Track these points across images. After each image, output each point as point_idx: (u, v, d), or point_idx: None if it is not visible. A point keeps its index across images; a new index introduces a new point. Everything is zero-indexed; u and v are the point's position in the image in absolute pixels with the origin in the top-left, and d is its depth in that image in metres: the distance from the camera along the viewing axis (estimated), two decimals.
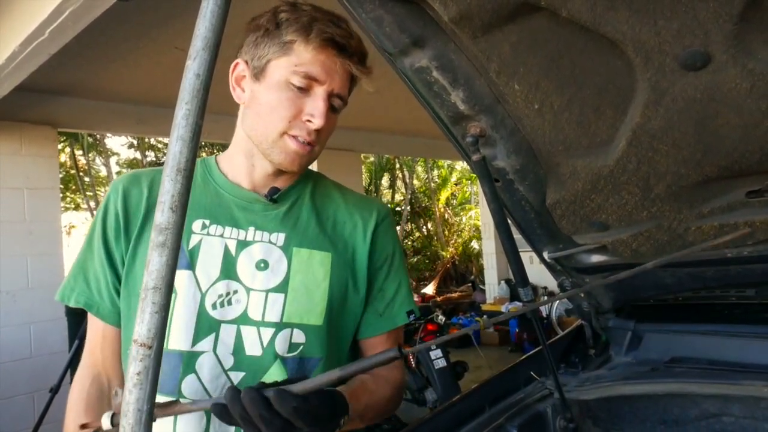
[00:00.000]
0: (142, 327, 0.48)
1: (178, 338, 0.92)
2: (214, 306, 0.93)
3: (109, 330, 1.00)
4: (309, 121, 0.91)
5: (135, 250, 0.96)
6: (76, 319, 4.73)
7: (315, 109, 0.91)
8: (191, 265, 0.94)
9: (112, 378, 1.00)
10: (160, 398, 0.92)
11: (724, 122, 0.86)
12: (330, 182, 1.13)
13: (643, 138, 0.92)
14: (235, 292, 0.94)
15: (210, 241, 0.96)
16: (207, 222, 0.97)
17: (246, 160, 1.01)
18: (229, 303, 0.93)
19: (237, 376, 0.92)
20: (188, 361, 0.91)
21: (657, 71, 0.80)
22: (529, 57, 0.85)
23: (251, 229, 0.99)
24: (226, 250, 0.96)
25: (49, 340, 3.89)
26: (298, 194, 1.05)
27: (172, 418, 0.92)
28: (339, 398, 0.82)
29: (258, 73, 0.94)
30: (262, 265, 0.97)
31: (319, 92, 0.91)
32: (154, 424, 0.95)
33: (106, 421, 0.73)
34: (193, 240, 0.96)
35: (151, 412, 0.48)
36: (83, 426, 0.81)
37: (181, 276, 0.93)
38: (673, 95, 0.83)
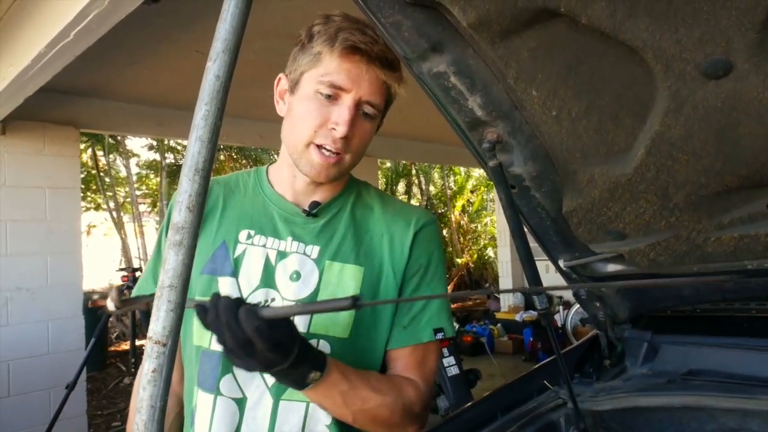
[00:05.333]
0: (157, 324, 0.49)
1: None
2: None
3: None
4: (333, 129, 0.92)
5: None
6: (94, 318, 4.80)
7: (339, 116, 0.91)
8: (235, 273, 0.99)
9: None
10: (201, 394, 0.97)
11: (745, 132, 0.85)
12: (374, 192, 1.12)
13: (662, 146, 0.91)
14: (273, 300, 0.98)
15: (253, 251, 1.00)
16: (252, 232, 1.02)
17: (289, 172, 1.04)
18: None
19: (271, 379, 0.94)
20: (226, 361, 0.95)
21: (677, 79, 0.79)
22: (548, 63, 0.84)
23: (289, 239, 1.02)
24: (267, 259, 1.00)
25: (67, 337, 3.93)
26: (339, 207, 1.05)
27: (209, 415, 0.95)
28: (315, 351, 0.84)
29: (294, 86, 0.97)
30: (295, 275, 0.99)
31: (346, 100, 0.92)
32: (194, 416, 0.97)
33: (111, 304, 0.72)
34: (239, 249, 1.01)
35: (164, 409, 0.48)
36: (94, 303, 0.86)
37: (225, 282, 0.98)
38: (693, 103, 0.82)
